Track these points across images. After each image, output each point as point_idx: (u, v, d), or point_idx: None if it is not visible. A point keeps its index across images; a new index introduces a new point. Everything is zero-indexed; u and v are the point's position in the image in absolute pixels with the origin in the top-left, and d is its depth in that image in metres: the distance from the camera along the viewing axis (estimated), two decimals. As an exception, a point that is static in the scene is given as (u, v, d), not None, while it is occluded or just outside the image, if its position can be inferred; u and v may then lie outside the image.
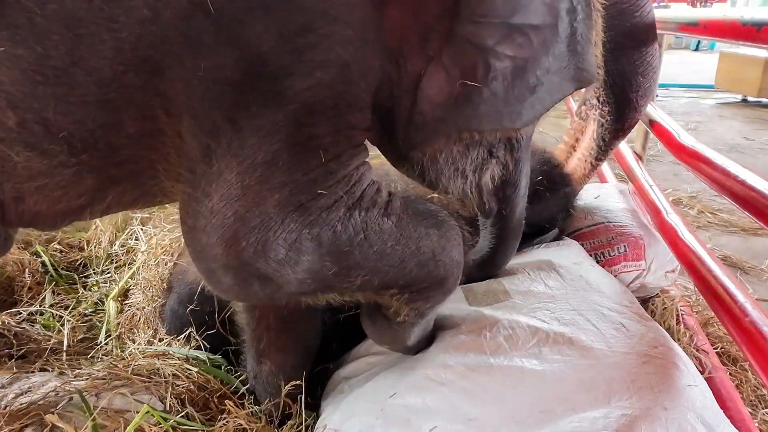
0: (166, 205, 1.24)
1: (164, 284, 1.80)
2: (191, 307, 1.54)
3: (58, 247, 2.18)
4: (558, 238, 1.71)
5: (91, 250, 2.20)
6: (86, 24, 0.74)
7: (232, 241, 0.83)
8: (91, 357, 1.61)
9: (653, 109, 1.93)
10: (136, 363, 1.43)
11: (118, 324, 1.76)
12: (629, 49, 1.52)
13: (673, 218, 1.64)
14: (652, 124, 1.88)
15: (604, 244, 1.73)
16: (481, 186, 1.15)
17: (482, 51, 0.87)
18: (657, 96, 2.15)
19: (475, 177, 1.11)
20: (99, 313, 1.86)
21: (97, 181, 0.89)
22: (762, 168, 3.67)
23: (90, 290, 2.00)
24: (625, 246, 1.73)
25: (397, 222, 0.95)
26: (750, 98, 6.00)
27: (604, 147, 1.74)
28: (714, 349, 1.57)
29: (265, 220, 0.83)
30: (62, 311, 1.83)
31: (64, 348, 1.62)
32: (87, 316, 1.85)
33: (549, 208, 1.66)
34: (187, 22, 0.76)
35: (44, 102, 0.77)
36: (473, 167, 1.09)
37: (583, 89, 1.47)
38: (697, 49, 10.94)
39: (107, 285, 2.02)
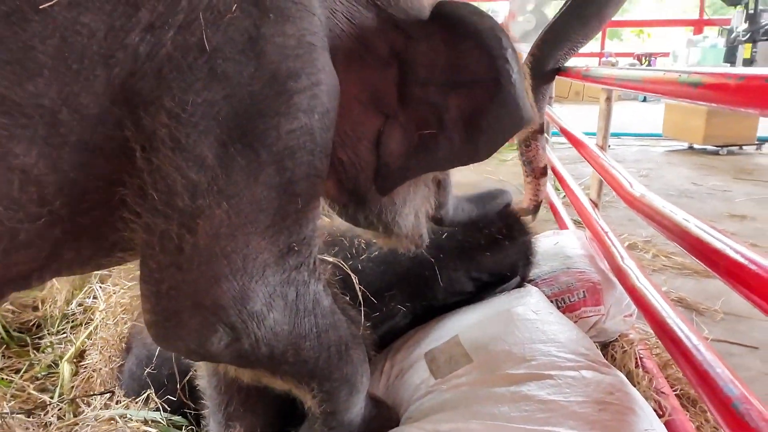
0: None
1: (123, 344, 1.74)
2: (148, 369, 1.49)
3: (10, 307, 2.09)
4: (520, 284, 1.74)
5: (45, 310, 2.12)
6: (82, 59, 0.71)
7: (213, 281, 0.81)
8: (44, 425, 1.53)
9: (606, 159, 2.02)
10: (92, 429, 1.36)
11: (73, 387, 1.69)
12: None
13: (629, 263, 1.69)
14: (605, 173, 1.97)
15: (564, 290, 1.77)
16: (425, 216, 1.24)
17: (432, 107, 0.98)
18: (610, 146, 2.26)
19: (423, 210, 1.20)
20: (52, 377, 1.78)
21: (62, 234, 0.82)
22: (710, 212, 3.85)
23: (43, 352, 1.92)
24: (584, 291, 1.78)
25: (330, 304, 1.00)
26: (696, 146, 6.33)
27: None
28: (673, 391, 1.60)
29: (248, 265, 0.83)
30: (13, 375, 1.74)
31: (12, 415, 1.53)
32: (39, 379, 1.77)
33: (509, 257, 1.71)
34: (182, 58, 0.76)
35: (23, 146, 0.71)
36: (422, 201, 1.19)
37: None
38: (645, 101, 11.53)
39: (62, 346, 1.94)
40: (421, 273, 1.58)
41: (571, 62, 2.40)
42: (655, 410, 1.37)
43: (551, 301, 1.69)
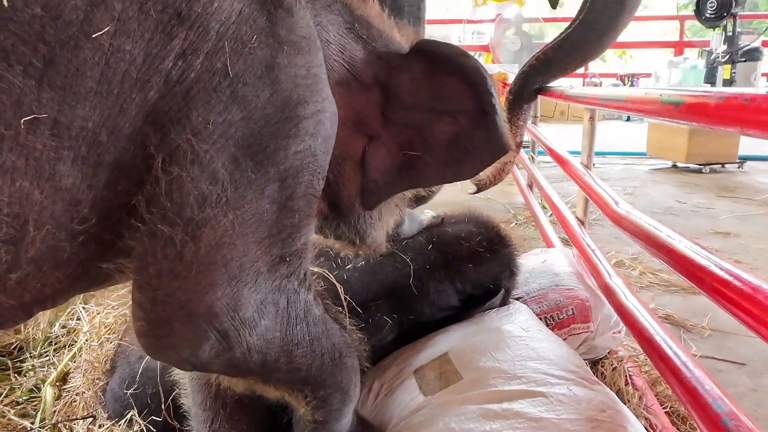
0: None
1: (107, 365, 1.71)
2: (131, 390, 1.47)
3: (-9, 329, 2.05)
4: (505, 301, 1.74)
5: (28, 332, 2.08)
6: (122, 84, 0.76)
7: (209, 288, 0.84)
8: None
9: (592, 178, 2.04)
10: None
11: (55, 411, 1.65)
12: None
13: (616, 280, 1.70)
14: (591, 191, 1.99)
15: (553, 307, 1.77)
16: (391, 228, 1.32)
17: (416, 129, 1.08)
18: (594, 164, 2.29)
19: (392, 222, 1.29)
20: (34, 401, 1.74)
21: (93, 251, 0.85)
22: (695, 229, 3.90)
23: (25, 375, 1.87)
24: (573, 308, 1.78)
25: (322, 313, 1.05)
26: (679, 164, 6.43)
27: None
28: (663, 408, 1.60)
29: (244, 273, 0.87)
30: (-8, 400, 1.70)
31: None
32: (20, 404, 1.72)
33: (491, 269, 1.71)
34: (208, 82, 0.82)
35: (68, 167, 0.75)
36: (392, 213, 1.27)
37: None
38: (628, 120, 11.71)
39: (44, 369, 1.90)
40: (407, 284, 1.59)
41: (555, 83, 2.44)
42: (645, 428, 1.37)
43: (540, 319, 1.69)
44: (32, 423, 1.61)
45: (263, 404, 1.29)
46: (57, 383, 1.77)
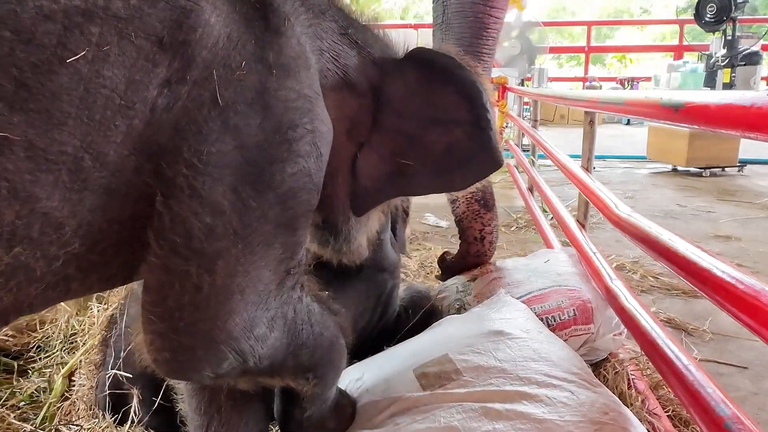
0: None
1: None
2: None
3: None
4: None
5: (45, 331, 2.08)
6: (104, 110, 0.75)
7: (228, 316, 0.87)
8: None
9: (592, 181, 2.04)
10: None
11: (57, 410, 1.65)
12: None
13: (617, 284, 1.70)
14: (591, 194, 1.99)
15: (554, 308, 1.77)
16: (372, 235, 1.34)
17: (407, 136, 1.09)
18: (595, 168, 2.29)
19: (374, 230, 1.30)
20: (34, 403, 1.74)
21: (74, 270, 0.84)
22: (696, 232, 3.90)
23: (36, 373, 1.88)
24: (574, 310, 1.78)
25: (319, 308, 1.09)
26: (679, 167, 6.43)
27: None
28: (665, 412, 1.60)
29: (257, 296, 0.90)
30: (-7, 404, 1.70)
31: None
32: (20, 408, 1.72)
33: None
34: (197, 111, 0.81)
35: (47, 191, 0.73)
36: (376, 221, 1.29)
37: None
38: (628, 123, 11.72)
39: (51, 369, 1.90)
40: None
41: (556, 88, 2.45)
42: (648, 431, 1.36)
43: (541, 319, 1.69)
44: (33, 425, 1.61)
45: (258, 407, 1.31)
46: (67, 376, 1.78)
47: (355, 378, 1.48)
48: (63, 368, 1.86)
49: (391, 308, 2.00)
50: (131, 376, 1.53)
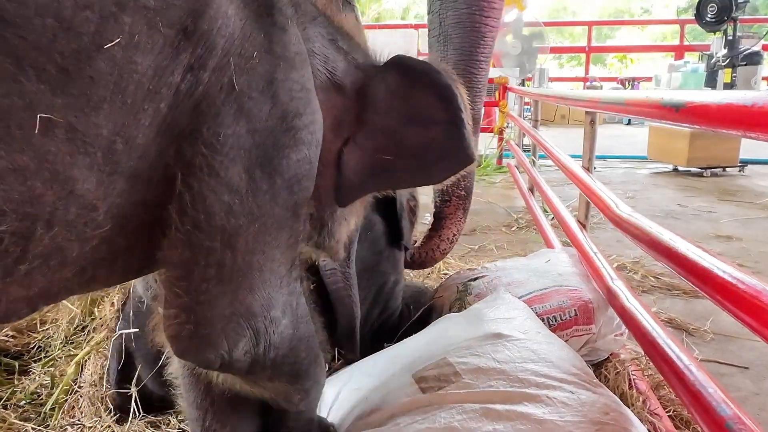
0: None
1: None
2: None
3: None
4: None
5: (46, 331, 2.09)
6: (135, 94, 0.79)
7: (249, 291, 0.94)
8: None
9: (593, 181, 2.04)
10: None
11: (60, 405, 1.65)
12: None
13: (618, 284, 1.70)
14: (592, 194, 1.99)
15: (555, 308, 1.77)
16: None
17: (390, 134, 1.17)
18: (596, 168, 2.29)
19: (354, 226, 1.35)
20: (34, 404, 1.74)
21: (105, 254, 0.88)
22: (696, 232, 3.89)
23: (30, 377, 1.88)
24: (575, 310, 1.78)
25: (310, 312, 1.16)
26: (680, 167, 6.43)
27: None
28: (666, 412, 1.60)
29: (273, 277, 0.97)
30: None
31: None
32: (22, 407, 1.73)
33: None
34: (216, 96, 0.87)
35: (83, 173, 0.77)
36: (357, 218, 1.35)
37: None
38: (629, 123, 11.70)
39: (52, 369, 1.90)
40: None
41: (557, 88, 2.45)
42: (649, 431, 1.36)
43: (542, 319, 1.69)
44: (35, 422, 1.61)
45: (253, 401, 1.31)
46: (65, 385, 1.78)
47: (353, 388, 1.49)
48: (66, 366, 1.87)
49: (393, 303, 2.01)
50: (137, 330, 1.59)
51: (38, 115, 0.71)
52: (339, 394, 1.51)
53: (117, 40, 0.75)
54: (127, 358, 1.66)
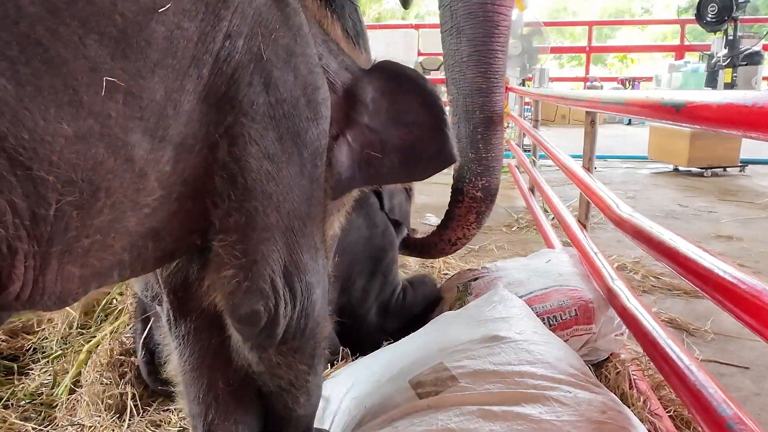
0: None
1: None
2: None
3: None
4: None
5: (42, 333, 2.09)
6: (182, 59, 0.81)
7: (289, 250, 1.01)
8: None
9: (593, 181, 2.04)
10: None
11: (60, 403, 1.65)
12: None
13: (618, 284, 1.70)
14: (592, 194, 1.99)
15: (556, 308, 1.77)
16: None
17: (376, 132, 1.23)
18: (596, 168, 2.29)
19: (341, 218, 1.40)
20: (34, 404, 1.74)
21: (155, 224, 0.89)
22: (697, 232, 3.89)
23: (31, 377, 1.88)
24: (575, 310, 1.78)
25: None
26: (680, 168, 6.43)
27: None
28: (667, 412, 1.59)
29: (309, 241, 1.04)
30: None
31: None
32: (23, 407, 1.73)
33: None
34: (248, 63, 0.90)
35: (138, 139, 0.78)
36: (341, 213, 1.39)
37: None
38: (629, 123, 11.70)
39: (52, 366, 1.90)
40: None
41: (557, 88, 2.44)
42: (649, 431, 1.36)
43: (542, 319, 1.69)
44: (35, 422, 1.61)
45: (255, 396, 1.31)
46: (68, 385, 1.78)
47: (353, 396, 1.49)
48: (66, 366, 1.86)
49: (392, 278, 2.00)
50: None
51: (104, 78, 0.72)
52: (341, 403, 1.50)
53: (168, 5, 0.77)
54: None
